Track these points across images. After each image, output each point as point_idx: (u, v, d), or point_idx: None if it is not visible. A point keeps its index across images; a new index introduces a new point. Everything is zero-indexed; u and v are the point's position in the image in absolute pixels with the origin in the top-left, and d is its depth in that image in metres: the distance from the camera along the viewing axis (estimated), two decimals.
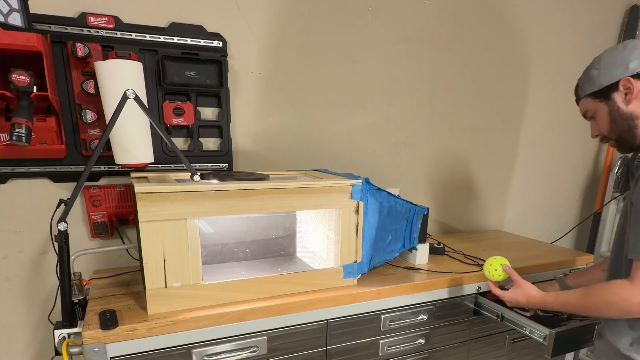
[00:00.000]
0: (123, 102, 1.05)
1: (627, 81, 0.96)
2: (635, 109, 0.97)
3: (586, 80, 1.04)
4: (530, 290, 1.12)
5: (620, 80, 0.96)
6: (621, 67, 0.96)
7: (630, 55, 0.95)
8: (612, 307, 0.89)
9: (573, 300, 0.98)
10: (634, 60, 0.95)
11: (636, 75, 0.95)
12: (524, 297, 1.13)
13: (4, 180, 1.29)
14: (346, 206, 1.23)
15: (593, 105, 1.04)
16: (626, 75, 0.95)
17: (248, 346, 1.14)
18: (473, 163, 2.06)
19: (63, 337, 1.02)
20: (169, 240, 1.04)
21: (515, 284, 1.17)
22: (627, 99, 0.97)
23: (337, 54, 1.66)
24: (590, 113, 1.06)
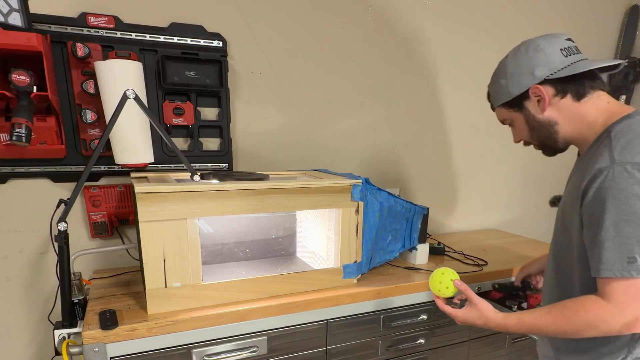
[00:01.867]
0: (123, 102, 1.05)
1: (536, 89, 0.89)
2: (552, 114, 0.91)
3: (496, 89, 0.97)
4: (488, 313, 0.94)
5: (529, 88, 0.90)
6: (528, 75, 0.89)
7: (533, 60, 0.89)
8: (594, 330, 0.79)
9: (544, 324, 0.85)
10: (539, 66, 0.88)
11: (544, 82, 0.88)
12: (480, 319, 0.96)
13: (4, 180, 1.29)
14: (346, 206, 1.23)
15: (508, 114, 0.98)
16: (534, 83, 0.89)
17: (248, 346, 1.14)
18: (473, 163, 2.06)
19: (63, 337, 1.02)
20: (169, 240, 1.04)
21: (470, 303, 0.98)
22: (540, 106, 0.91)
23: (337, 54, 1.66)
24: (508, 121, 1.01)
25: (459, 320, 0.99)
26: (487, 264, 1.53)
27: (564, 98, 0.89)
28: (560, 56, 0.87)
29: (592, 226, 0.79)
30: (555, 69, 0.87)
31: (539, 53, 0.88)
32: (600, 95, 0.89)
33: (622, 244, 0.75)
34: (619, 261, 0.75)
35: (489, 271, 1.46)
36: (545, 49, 0.88)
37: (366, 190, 1.27)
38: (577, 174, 0.89)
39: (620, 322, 0.77)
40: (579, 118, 0.89)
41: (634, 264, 0.74)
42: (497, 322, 0.93)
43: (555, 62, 0.87)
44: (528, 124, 0.95)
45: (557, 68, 0.87)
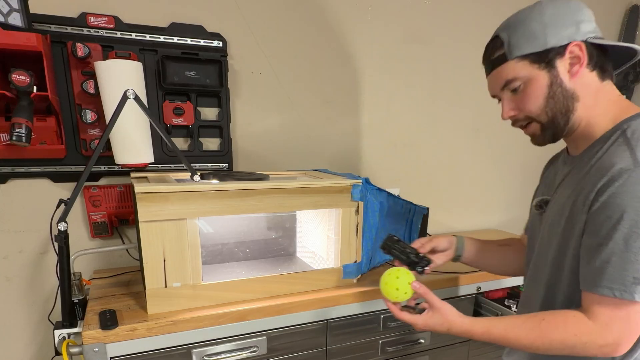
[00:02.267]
0: (123, 102, 1.05)
1: (578, 47, 0.72)
2: (577, 87, 0.74)
3: (523, 35, 0.74)
4: (452, 317, 0.83)
5: (570, 44, 0.72)
6: (572, 26, 0.72)
7: (579, 13, 0.73)
8: (569, 350, 0.71)
9: (514, 336, 0.77)
10: (585, 22, 0.72)
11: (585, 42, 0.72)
12: (443, 325, 0.84)
13: (4, 180, 1.29)
14: (346, 206, 1.23)
15: (528, 71, 0.75)
16: (577, 39, 0.72)
17: (248, 346, 1.14)
18: (473, 163, 2.06)
19: (63, 337, 1.02)
20: (168, 240, 1.04)
21: (431, 308, 0.86)
22: (572, 70, 0.73)
23: (337, 54, 1.66)
24: (519, 82, 0.77)
25: (420, 327, 0.86)
26: None
27: (592, 72, 0.74)
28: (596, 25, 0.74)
29: (597, 234, 0.69)
30: (596, 32, 0.73)
31: (583, 9, 0.74)
32: (612, 85, 0.77)
33: (629, 261, 0.65)
34: (621, 280, 0.66)
35: None
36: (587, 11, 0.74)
37: (366, 190, 1.27)
38: (575, 175, 0.78)
39: (599, 345, 0.69)
40: (594, 103, 0.75)
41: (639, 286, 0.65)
42: (462, 328, 0.83)
43: (596, 27, 0.73)
44: (550, 89, 0.75)
45: (598, 33, 0.73)
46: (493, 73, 0.81)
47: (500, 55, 0.78)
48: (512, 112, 0.81)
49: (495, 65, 0.80)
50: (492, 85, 0.83)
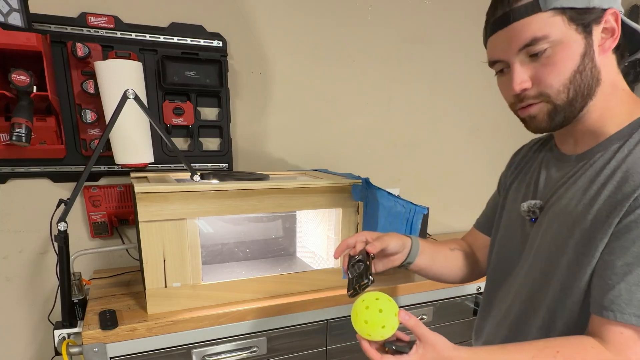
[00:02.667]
0: (123, 102, 1.05)
1: (614, 15, 0.61)
2: (603, 68, 0.62)
3: None
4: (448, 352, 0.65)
5: (609, 10, 0.60)
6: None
7: None
8: None
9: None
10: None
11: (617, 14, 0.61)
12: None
13: (4, 180, 1.29)
14: (346, 206, 1.23)
15: (563, 31, 0.59)
16: (615, 6, 0.61)
17: (248, 346, 1.14)
18: (473, 162, 2.06)
19: (63, 337, 1.02)
20: (168, 240, 1.04)
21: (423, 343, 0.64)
22: (604, 45, 0.61)
23: (337, 54, 1.66)
24: (547, 45, 0.59)
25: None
26: None
27: (615, 54, 0.64)
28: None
29: (627, 252, 0.57)
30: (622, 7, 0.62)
31: None
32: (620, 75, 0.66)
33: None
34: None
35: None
36: None
37: (366, 190, 1.27)
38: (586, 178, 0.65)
39: None
40: (611, 91, 0.64)
41: None
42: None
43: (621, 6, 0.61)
44: (582, 61, 0.60)
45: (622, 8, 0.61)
46: (512, 27, 0.60)
47: (529, 3, 0.58)
48: (526, 84, 0.63)
49: (518, 17, 0.59)
50: (505, 44, 0.62)
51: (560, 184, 0.70)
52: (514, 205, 0.80)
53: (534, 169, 0.79)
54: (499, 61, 0.65)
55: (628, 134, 0.62)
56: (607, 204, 0.60)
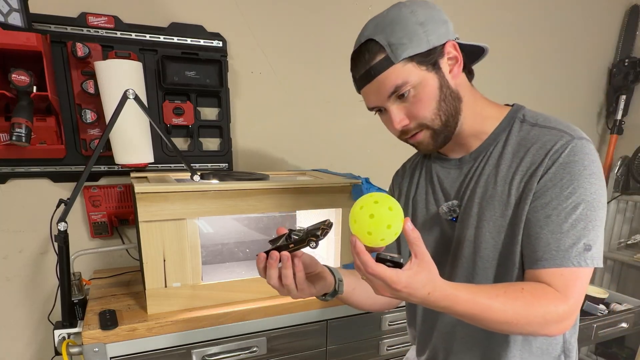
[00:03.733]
0: (123, 102, 1.05)
1: (453, 46, 0.68)
2: (459, 88, 0.72)
3: (403, 35, 0.67)
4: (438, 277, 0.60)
5: (447, 43, 0.68)
6: (444, 26, 0.68)
7: (442, 13, 0.70)
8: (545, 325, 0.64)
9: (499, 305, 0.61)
10: (449, 22, 0.70)
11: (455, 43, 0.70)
12: (426, 287, 0.59)
13: (4, 180, 1.29)
14: (346, 206, 1.23)
15: (417, 74, 0.68)
16: (450, 39, 0.68)
17: (248, 346, 1.14)
18: None
19: (63, 337, 1.02)
20: (168, 240, 1.04)
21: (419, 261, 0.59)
22: (453, 71, 0.70)
23: (337, 54, 1.66)
24: (409, 87, 0.68)
25: (401, 285, 0.58)
26: None
27: (463, 71, 0.73)
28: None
29: (544, 207, 0.66)
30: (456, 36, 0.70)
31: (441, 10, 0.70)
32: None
33: (581, 228, 0.64)
34: (576, 248, 0.64)
35: None
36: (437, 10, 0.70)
37: (366, 190, 1.27)
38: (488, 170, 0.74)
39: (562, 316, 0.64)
40: (473, 101, 0.74)
41: (589, 252, 0.64)
42: (444, 292, 0.60)
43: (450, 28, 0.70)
44: (441, 92, 0.69)
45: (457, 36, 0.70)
46: (376, 81, 0.71)
47: (382, 60, 0.68)
48: (404, 121, 0.72)
49: (377, 72, 0.70)
50: (375, 95, 0.73)
51: (467, 181, 0.77)
52: (427, 212, 0.85)
53: (427, 178, 0.87)
54: (375, 107, 0.77)
55: (506, 126, 0.74)
56: (523, 176, 0.69)
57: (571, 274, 0.64)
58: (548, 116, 0.73)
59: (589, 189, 0.64)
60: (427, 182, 0.87)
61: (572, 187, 0.64)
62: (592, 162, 0.65)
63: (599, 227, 0.65)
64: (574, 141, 0.66)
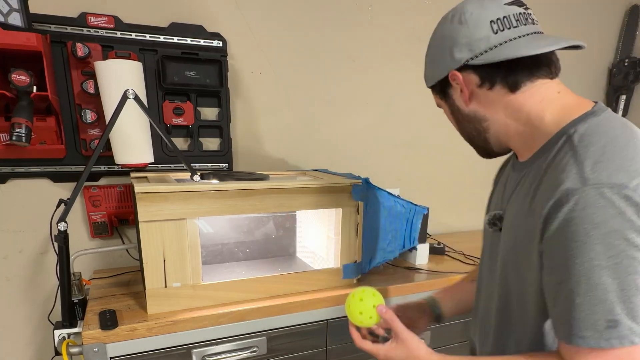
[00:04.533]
0: (123, 102, 1.05)
1: (454, 76, 0.68)
2: (478, 109, 0.69)
3: (425, 68, 0.76)
4: (419, 352, 0.71)
5: (449, 74, 0.69)
6: (447, 56, 0.68)
7: (455, 36, 0.66)
8: None
9: None
10: (458, 45, 0.66)
11: (465, 67, 0.66)
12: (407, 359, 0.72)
13: (4, 180, 1.29)
14: (346, 206, 1.23)
15: (437, 101, 0.78)
16: (453, 68, 0.67)
17: (248, 346, 1.14)
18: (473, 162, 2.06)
19: (63, 337, 1.02)
20: (168, 240, 1.04)
21: (396, 338, 0.75)
22: (463, 96, 0.70)
23: (337, 54, 1.66)
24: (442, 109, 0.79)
25: (381, 357, 0.76)
26: None
27: (492, 89, 0.66)
28: (488, 32, 0.63)
29: (555, 270, 0.57)
30: (476, 51, 0.64)
31: (462, 26, 0.65)
32: (546, 83, 0.66)
33: (598, 301, 0.52)
34: (594, 326, 0.53)
35: None
36: (471, 20, 0.65)
37: (366, 190, 1.27)
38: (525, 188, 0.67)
39: None
40: (515, 113, 0.67)
41: (615, 330, 0.52)
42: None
43: (480, 41, 0.64)
44: (454, 116, 0.75)
45: (479, 50, 0.64)
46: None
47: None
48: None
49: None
50: None
51: (510, 193, 0.72)
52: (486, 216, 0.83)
53: (502, 177, 0.83)
54: None
55: (554, 143, 0.62)
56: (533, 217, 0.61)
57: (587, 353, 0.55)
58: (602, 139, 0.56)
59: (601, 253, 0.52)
60: (499, 182, 0.85)
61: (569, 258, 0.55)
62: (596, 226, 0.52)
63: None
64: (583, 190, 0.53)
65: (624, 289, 0.52)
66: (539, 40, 0.63)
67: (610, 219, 0.52)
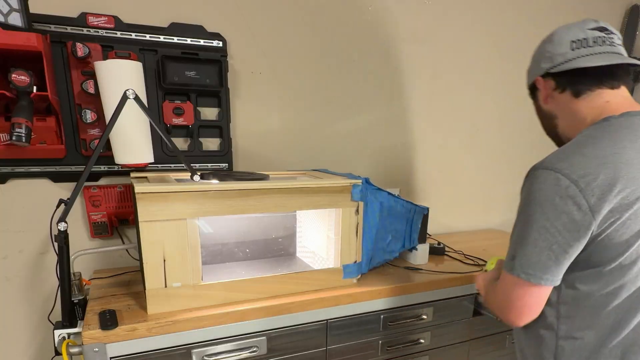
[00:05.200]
0: (123, 102, 1.05)
1: (538, 81, 0.90)
2: (552, 108, 0.90)
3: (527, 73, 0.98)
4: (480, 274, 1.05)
5: (535, 80, 0.91)
6: (536, 66, 0.91)
7: (543, 51, 0.88)
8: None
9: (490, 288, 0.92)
10: (544, 58, 0.87)
11: (547, 74, 0.88)
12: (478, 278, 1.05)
13: (4, 180, 1.29)
14: (346, 206, 1.23)
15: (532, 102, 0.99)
16: (538, 75, 0.90)
17: (248, 346, 1.14)
18: (473, 162, 2.06)
19: (63, 337, 1.02)
20: (169, 240, 1.04)
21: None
22: (543, 98, 0.91)
23: (337, 54, 1.66)
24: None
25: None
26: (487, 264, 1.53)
27: (563, 93, 0.86)
28: (566, 49, 0.83)
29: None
30: (556, 62, 0.85)
31: (548, 44, 0.87)
32: (601, 93, 0.82)
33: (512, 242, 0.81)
34: (508, 258, 0.82)
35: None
36: (555, 39, 0.85)
37: (366, 190, 1.27)
38: None
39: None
40: (572, 115, 0.86)
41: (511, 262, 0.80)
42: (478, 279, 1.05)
43: (559, 55, 0.84)
44: (539, 113, 0.96)
45: (558, 62, 0.84)
46: None
47: None
48: None
49: None
50: None
51: None
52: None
53: None
54: None
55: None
56: None
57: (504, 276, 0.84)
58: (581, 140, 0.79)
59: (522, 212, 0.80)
60: None
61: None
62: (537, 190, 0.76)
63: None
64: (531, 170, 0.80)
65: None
66: (604, 58, 0.80)
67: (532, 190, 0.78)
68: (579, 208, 0.71)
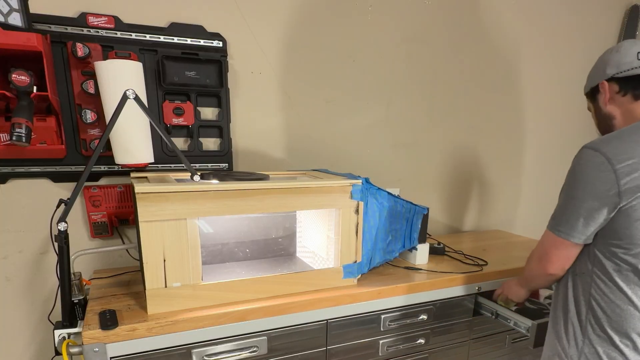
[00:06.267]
0: (123, 102, 1.05)
1: (602, 84, 1.03)
2: (612, 110, 1.02)
3: (586, 82, 1.11)
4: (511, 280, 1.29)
5: (599, 83, 1.03)
6: (601, 71, 1.03)
7: (610, 59, 1.01)
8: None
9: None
10: (610, 65, 1.01)
11: (611, 79, 1.00)
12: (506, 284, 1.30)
13: (4, 180, 1.29)
14: (346, 206, 1.23)
15: (589, 103, 1.11)
16: (602, 79, 1.02)
17: (248, 346, 1.14)
18: (473, 163, 2.06)
19: (63, 337, 1.02)
20: (169, 240, 1.04)
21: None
22: (605, 100, 1.03)
23: (337, 54, 1.66)
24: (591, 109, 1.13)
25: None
26: (487, 264, 1.53)
27: (625, 96, 0.99)
28: (633, 58, 0.97)
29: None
30: (622, 68, 0.98)
31: (615, 54, 1.00)
32: None
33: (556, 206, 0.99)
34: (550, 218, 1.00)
35: (489, 271, 1.46)
36: (623, 50, 0.99)
37: (366, 190, 1.27)
38: None
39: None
40: (630, 115, 0.98)
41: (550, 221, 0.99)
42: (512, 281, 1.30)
43: (625, 63, 0.98)
44: (597, 115, 1.08)
45: (624, 68, 0.98)
46: None
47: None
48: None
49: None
50: None
51: None
52: None
53: None
54: None
55: None
56: None
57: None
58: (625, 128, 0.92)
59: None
60: None
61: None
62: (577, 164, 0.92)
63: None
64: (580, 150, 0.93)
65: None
66: None
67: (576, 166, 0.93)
68: (608, 180, 0.85)
